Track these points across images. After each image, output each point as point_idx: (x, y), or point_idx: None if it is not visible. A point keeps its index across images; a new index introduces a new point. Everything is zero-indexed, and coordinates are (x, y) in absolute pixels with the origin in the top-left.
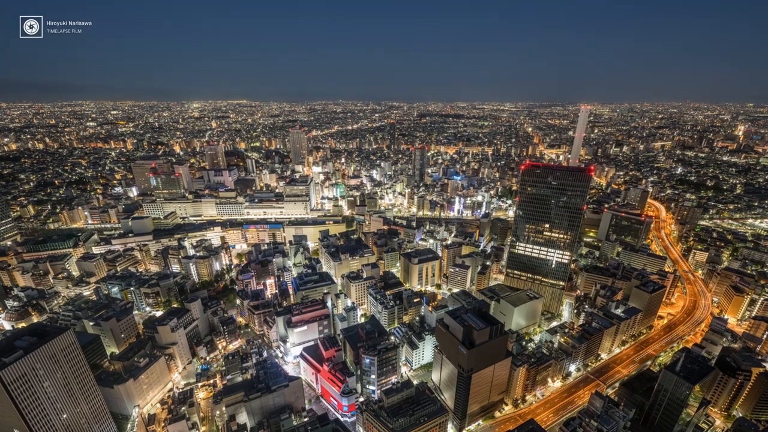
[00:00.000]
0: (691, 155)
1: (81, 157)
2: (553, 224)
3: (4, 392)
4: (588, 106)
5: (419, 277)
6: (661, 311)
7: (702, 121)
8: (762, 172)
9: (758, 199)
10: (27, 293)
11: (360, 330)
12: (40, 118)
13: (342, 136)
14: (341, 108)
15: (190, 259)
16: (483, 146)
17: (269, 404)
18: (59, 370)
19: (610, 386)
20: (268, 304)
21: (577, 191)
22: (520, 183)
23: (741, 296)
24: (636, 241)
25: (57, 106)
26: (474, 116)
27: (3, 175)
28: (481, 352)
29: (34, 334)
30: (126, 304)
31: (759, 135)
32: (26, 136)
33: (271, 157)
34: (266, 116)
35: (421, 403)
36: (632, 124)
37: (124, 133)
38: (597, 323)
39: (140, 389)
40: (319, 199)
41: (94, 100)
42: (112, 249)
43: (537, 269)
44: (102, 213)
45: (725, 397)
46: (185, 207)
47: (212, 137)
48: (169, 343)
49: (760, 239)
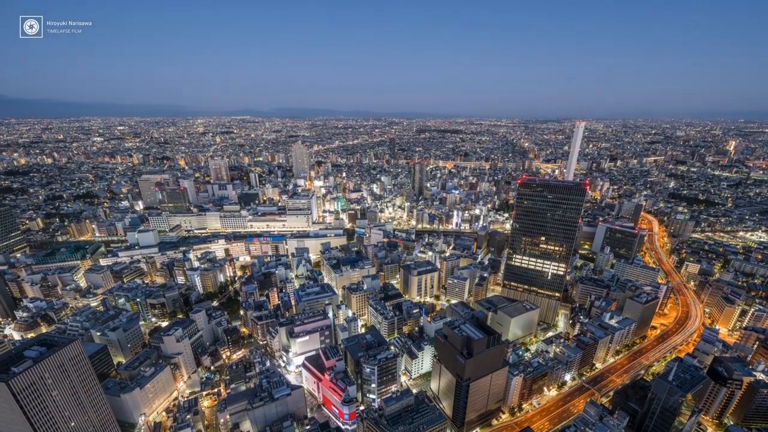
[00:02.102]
0: (684, 170)
1: (88, 171)
2: (548, 237)
3: (13, 401)
4: (583, 122)
5: (418, 288)
6: (654, 322)
7: (694, 136)
8: (752, 186)
9: (749, 213)
10: (36, 304)
11: (360, 340)
12: (49, 133)
13: (343, 151)
14: (342, 123)
15: (195, 271)
16: (480, 161)
17: (272, 412)
18: (67, 379)
19: (604, 395)
20: (271, 314)
21: (572, 205)
22: (517, 197)
23: (732, 307)
24: (630, 254)
25: (65, 122)
26: (472, 131)
27: (13, 188)
28: (479, 362)
29: (43, 344)
30: (132, 315)
31: (749, 150)
32: (35, 151)
33: (274, 171)
34: (269, 131)
35: (420, 411)
36: (626, 139)
37: (130, 148)
38: (592, 333)
39: (146, 398)
40: (320, 213)
41: (102, 117)
42: (118, 261)
43: (533, 281)
44: (109, 226)
45: (717, 406)
46: (190, 220)
47: (216, 152)
48: (174, 353)
49: (751, 252)
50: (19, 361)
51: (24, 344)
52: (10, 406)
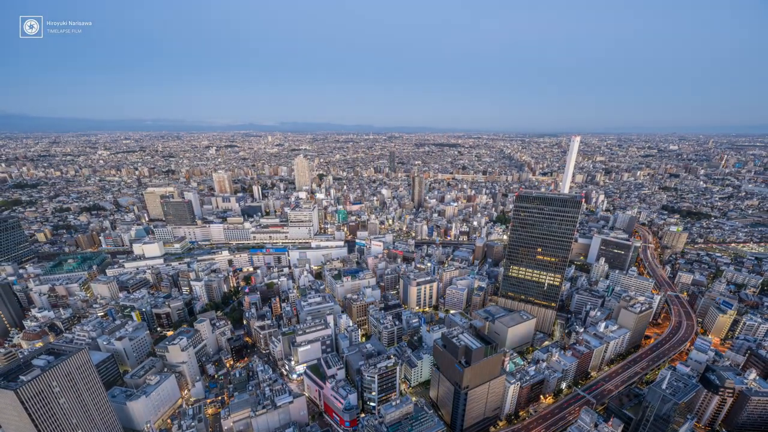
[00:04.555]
0: (677, 182)
1: (95, 184)
2: (545, 248)
3: (21, 408)
4: (578, 137)
5: (417, 298)
6: (648, 331)
7: (687, 150)
8: (744, 198)
9: (740, 225)
10: (44, 314)
11: (361, 349)
12: (57, 146)
13: (344, 164)
14: (344, 137)
15: (199, 282)
16: (478, 174)
17: (275, 420)
18: (74, 387)
19: (599, 403)
20: (273, 324)
21: (568, 217)
22: (514, 209)
23: (724, 317)
24: (624, 264)
25: (73, 136)
26: (469, 145)
27: (21, 201)
28: (477, 371)
29: (51, 354)
30: (138, 325)
31: (741, 163)
32: (44, 164)
33: (276, 184)
34: (271, 145)
35: (419, 419)
36: (621, 153)
37: (135, 162)
38: (587, 343)
39: (151, 406)
40: (322, 224)
41: (109, 131)
42: (124, 272)
43: (530, 291)
44: (115, 237)
45: (709, 414)
46: (194, 232)
47: (219, 165)
48: (179, 362)
49: (743, 262)
50: (28, 370)
51: (32, 353)
52: (18, 414)
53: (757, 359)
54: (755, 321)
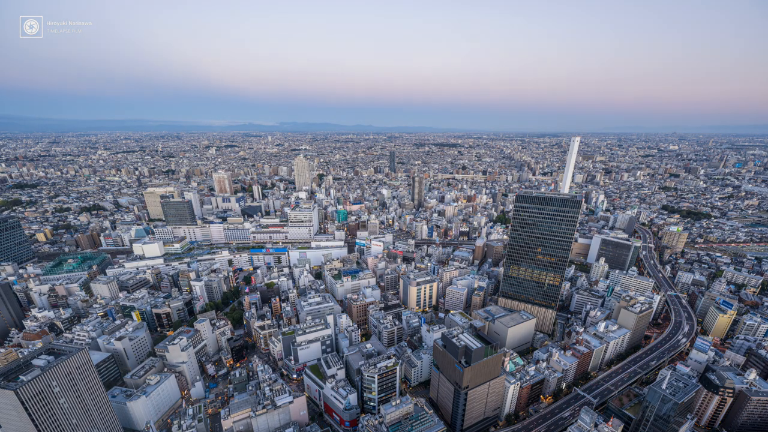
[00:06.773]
0: (676, 182)
1: (95, 184)
2: (545, 248)
3: (21, 408)
4: (578, 137)
5: (417, 298)
6: (647, 331)
7: (687, 149)
8: (744, 198)
9: (740, 225)
10: (44, 314)
11: (361, 349)
12: (57, 146)
13: (344, 164)
14: (344, 137)
15: (199, 282)
16: (478, 174)
17: (275, 420)
18: (74, 387)
19: (599, 403)
20: (273, 324)
21: (568, 217)
22: (514, 209)
23: (724, 316)
24: (624, 264)
25: (74, 136)
26: (469, 145)
27: (21, 201)
28: (477, 371)
29: (51, 353)
30: (138, 325)
31: (741, 163)
32: (44, 165)
33: (276, 184)
34: (271, 145)
35: (419, 419)
36: (621, 153)
37: (135, 162)
38: (587, 343)
39: (151, 406)
40: (322, 224)
41: (109, 131)
42: (124, 272)
43: (530, 291)
44: (115, 237)
45: (709, 414)
46: (194, 231)
47: (219, 165)
48: (179, 362)
49: (743, 262)
50: (28, 370)
51: (32, 353)
52: (18, 414)
53: (757, 359)
54: (755, 321)
